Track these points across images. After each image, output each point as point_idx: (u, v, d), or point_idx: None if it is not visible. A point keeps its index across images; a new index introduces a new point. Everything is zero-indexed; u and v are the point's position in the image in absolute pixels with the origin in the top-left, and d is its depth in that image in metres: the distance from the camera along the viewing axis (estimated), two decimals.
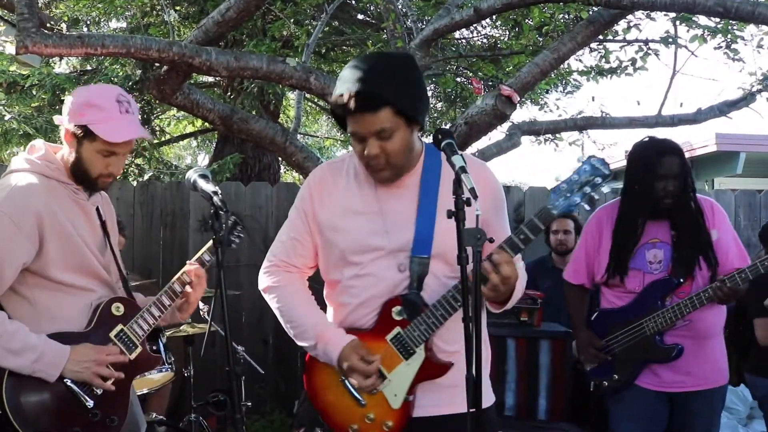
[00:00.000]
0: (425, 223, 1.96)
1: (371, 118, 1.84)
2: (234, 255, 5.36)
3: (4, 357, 1.97)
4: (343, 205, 2.04)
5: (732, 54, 5.28)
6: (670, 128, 5.74)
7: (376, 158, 1.90)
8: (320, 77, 4.17)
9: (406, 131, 1.90)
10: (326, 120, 12.54)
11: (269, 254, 2.17)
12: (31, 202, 2.03)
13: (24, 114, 6.91)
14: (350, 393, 2.00)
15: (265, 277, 2.16)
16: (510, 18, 6.11)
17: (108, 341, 2.17)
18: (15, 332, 1.99)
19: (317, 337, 2.00)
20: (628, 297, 2.86)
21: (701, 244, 2.81)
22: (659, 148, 2.85)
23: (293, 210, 2.14)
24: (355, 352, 1.94)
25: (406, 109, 1.87)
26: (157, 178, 7.38)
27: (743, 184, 9.38)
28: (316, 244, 2.10)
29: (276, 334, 5.48)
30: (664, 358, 2.77)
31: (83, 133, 2.09)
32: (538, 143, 7.24)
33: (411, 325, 1.95)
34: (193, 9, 7.39)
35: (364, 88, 1.82)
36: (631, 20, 5.20)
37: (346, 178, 2.07)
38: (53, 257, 2.07)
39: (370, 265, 1.99)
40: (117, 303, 2.21)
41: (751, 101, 5.64)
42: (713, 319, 2.83)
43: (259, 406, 5.19)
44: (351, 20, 8.06)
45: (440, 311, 1.92)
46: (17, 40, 3.40)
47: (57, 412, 2.06)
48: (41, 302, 2.08)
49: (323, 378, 2.06)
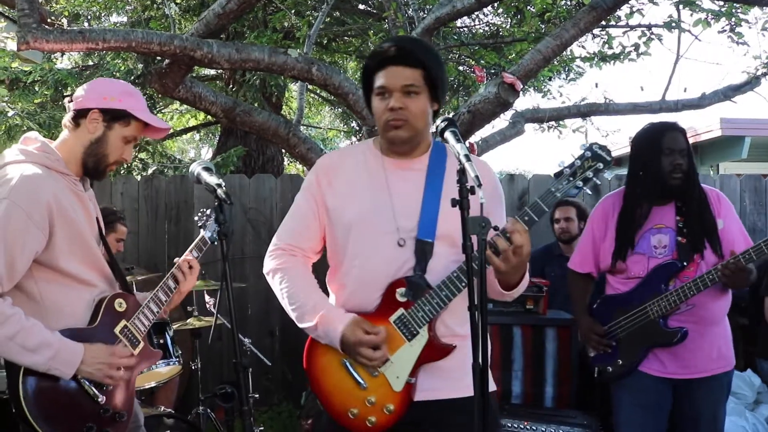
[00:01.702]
0: (430, 207, 2.01)
1: (405, 72, 1.96)
2: (239, 247, 5.38)
3: (20, 353, 1.96)
4: (351, 185, 2.08)
5: (736, 38, 5.25)
6: (674, 113, 5.71)
7: (398, 111, 1.97)
8: (322, 68, 4.16)
9: (427, 101, 2.01)
10: (329, 111, 12.54)
11: (275, 238, 2.19)
12: (40, 192, 2.02)
13: (27, 110, 6.92)
14: (351, 375, 2.00)
15: (270, 260, 2.18)
16: (512, 5, 6.08)
17: (114, 337, 2.17)
18: (31, 328, 1.98)
19: (319, 317, 2.01)
20: (632, 283, 2.86)
21: (707, 228, 2.80)
22: (662, 125, 2.88)
23: (300, 195, 2.17)
24: (359, 327, 1.95)
25: (435, 79, 1.99)
26: (161, 172, 7.39)
27: (749, 168, 9.34)
28: (323, 227, 2.13)
29: (282, 325, 5.50)
30: (669, 342, 2.76)
31: (118, 117, 2.17)
32: (541, 131, 7.21)
33: (415, 305, 1.97)
34: (193, 2, 7.38)
35: (407, 45, 2.01)
36: (633, 5, 5.18)
37: (355, 161, 2.13)
38: (62, 248, 2.06)
39: (375, 244, 2.01)
40: (119, 299, 2.22)
41: (756, 85, 5.60)
42: (717, 305, 2.82)
43: (266, 398, 5.21)
44: (352, 10, 8.03)
45: (444, 291, 1.95)
46: (18, 36, 3.40)
47: (72, 408, 2.06)
48: (48, 297, 2.07)
49: (323, 361, 2.06)
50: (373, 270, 2.01)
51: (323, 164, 2.16)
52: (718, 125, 9.79)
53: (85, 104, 2.17)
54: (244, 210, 5.43)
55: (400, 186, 2.06)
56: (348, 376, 2.01)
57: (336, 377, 2.03)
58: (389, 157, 2.11)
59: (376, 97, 2.03)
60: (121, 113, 2.17)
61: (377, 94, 2.02)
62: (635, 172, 2.89)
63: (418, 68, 1.97)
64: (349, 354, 1.98)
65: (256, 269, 5.55)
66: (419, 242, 1.98)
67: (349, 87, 4.26)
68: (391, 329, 1.98)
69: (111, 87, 2.22)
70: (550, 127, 6.85)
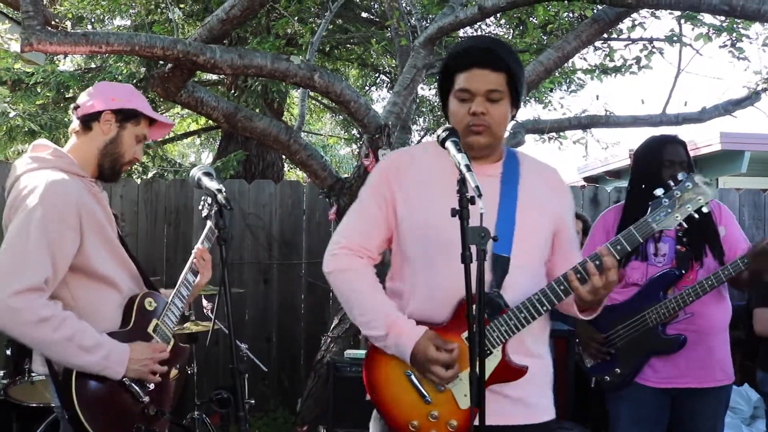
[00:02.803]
0: (506, 218, 1.90)
1: (490, 76, 1.88)
2: (238, 252, 5.37)
3: (78, 354, 1.97)
4: (424, 188, 1.97)
5: (737, 52, 5.27)
6: (675, 127, 5.73)
7: (481, 117, 1.89)
8: (324, 75, 4.17)
9: (508, 106, 1.94)
10: (330, 118, 12.55)
11: (339, 236, 2.05)
12: (69, 195, 2.03)
13: (28, 111, 6.93)
14: (415, 388, 1.92)
15: (336, 259, 2.03)
16: (514, 16, 6.11)
17: (149, 337, 2.18)
18: (85, 329, 1.99)
19: (389, 326, 1.90)
20: (630, 290, 2.86)
21: (708, 235, 2.81)
22: (663, 138, 2.91)
23: (367, 193, 2.06)
24: (432, 343, 1.85)
25: (517, 84, 1.92)
26: (161, 175, 7.41)
27: (748, 183, 9.35)
28: (390, 230, 2.03)
29: (279, 331, 5.50)
30: (668, 349, 2.75)
31: (130, 116, 2.22)
32: (542, 142, 7.22)
33: (490, 325, 1.88)
34: (197, 7, 7.40)
35: (494, 47, 1.92)
36: (635, 18, 5.20)
37: (426, 162, 2.02)
38: (92, 249, 2.07)
39: (450, 254, 1.83)
40: (149, 298, 2.22)
41: (756, 100, 5.63)
42: (716, 315, 2.82)
43: (262, 404, 5.21)
44: (355, 18, 8.06)
45: (524, 314, 1.88)
46: (22, 38, 3.41)
47: (121, 410, 2.08)
48: (82, 301, 2.07)
49: (385, 371, 1.97)
50: (447, 282, 1.89)
51: (392, 163, 2.05)
52: (718, 139, 9.81)
53: (96, 107, 2.19)
54: (243, 215, 5.43)
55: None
56: (411, 388, 1.92)
57: (398, 388, 1.94)
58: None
59: (455, 99, 1.93)
60: (132, 112, 2.22)
61: (458, 97, 1.92)
62: (636, 184, 2.91)
63: (502, 72, 1.89)
64: (419, 369, 1.89)
65: (255, 275, 5.58)
66: (495, 256, 1.88)
67: (350, 95, 4.27)
68: (463, 346, 1.88)
69: (116, 89, 2.28)
70: (551, 138, 6.86)
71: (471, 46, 1.94)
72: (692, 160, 2.90)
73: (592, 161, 12.64)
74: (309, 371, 4.93)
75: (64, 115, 6.94)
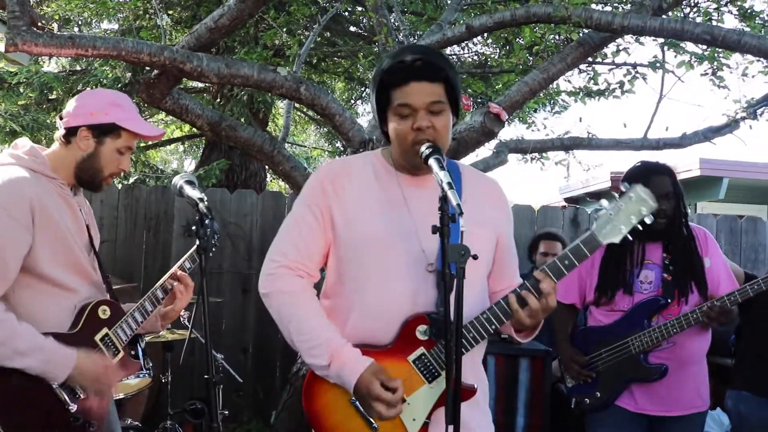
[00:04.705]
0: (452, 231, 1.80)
1: (429, 88, 1.82)
2: (217, 262, 5.33)
3: (13, 357, 1.96)
4: (362, 198, 1.89)
5: (717, 81, 5.35)
6: (656, 151, 5.80)
7: (426, 131, 1.81)
8: (310, 87, 4.18)
9: (449, 115, 1.87)
10: (314, 130, 12.55)
11: (275, 254, 1.93)
12: (22, 193, 2.02)
13: (10, 111, 6.86)
14: (360, 415, 1.82)
15: (272, 280, 1.91)
16: (501, 36, 6.16)
17: (93, 345, 2.15)
18: (22, 334, 1.98)
19: (331, 356, 1.79)
20: (615, 315, 2.87)
21: (694, 270, 2.83)
22: (649, 167, 2.90)
23: (301, 207, 1.95)
24: (376, 378, 1.75)
25: (456, 92, 1.87)
26: (143, 181, 7.35)
27: (725, 209, 9.49)
28: (328, 244, 1.92)
29: (256, 343, 5.45)
30: (648, 378, 2.78)
31: (107, 131, 2.17)
32: (524, 161, 7.27)
33: (438, 346, 1.82)
34: (186, 14, 7.39)
35: (430, 58, 1.84)
36: (620, 44, 5.27)
37: (363, 173, 1.94)
38: (44, 251, 2.05)
39: (397, 269, 1.83)
40: (104, 306, 2.20)
41: (735, 128, 5.72)
42: (698, 345, 2.85)
43: (236, 415, 5.16)
44: (343, 32, 8.09)
45: (472, 333, 1.83)
46: (7, 38, 3.38)
47: (41, 414, 2.04)
48: (21, 303, 2.05)
49: (327, 398, 1.87)
50: (393, 299, 1.82)
51: (329, 171, 1.96)
52: (698, 165, 9.95)
53: (72, 123, 2.18)
54: (224, 224, 5.40)
55: (420, 205, 1.87)
56: (356, 415, 1.83)
57: (342, 416, 1.85)
58: (403, 173, 1.93)
59: (395, 115, 1.85)
60: (109, 127, 2.18)
61: (399, 113, 1.84)
62: None
63: (440, 82, 1.83)
64: (362, 403, 1.79)
65: (233, 284, 5.54)
66: (439, 272, 1.78)
67: (336, 108, 4.28)
68: (410, 369, 1.82)
69: (97, 100, 2.22)
70: (533, 158, 6.91)
71: (404, 60, 1.83)
72: (681, 189, 2.90)
73: (574, 182, 12.76)
74: (285, 383, 4.89)
75: (46, 117, 6.88)
